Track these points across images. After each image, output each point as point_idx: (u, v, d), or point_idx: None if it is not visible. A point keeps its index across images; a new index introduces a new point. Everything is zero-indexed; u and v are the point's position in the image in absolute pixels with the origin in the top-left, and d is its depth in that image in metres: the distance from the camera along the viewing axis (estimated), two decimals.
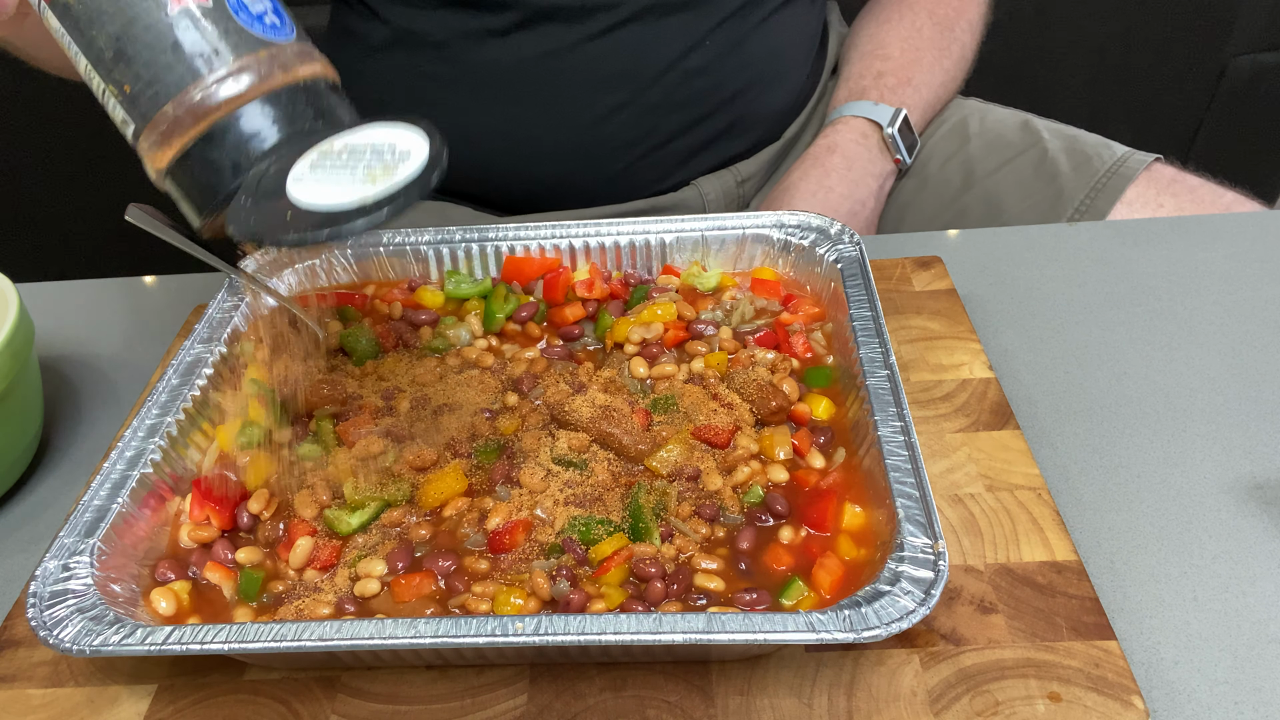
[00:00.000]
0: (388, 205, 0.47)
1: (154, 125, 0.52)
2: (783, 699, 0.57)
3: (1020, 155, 1.13)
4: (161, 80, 0.51)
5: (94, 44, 0.51)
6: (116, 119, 0.53)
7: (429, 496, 0.66)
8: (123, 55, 0.51)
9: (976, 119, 1.18)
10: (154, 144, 0.52)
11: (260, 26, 0.53)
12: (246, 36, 0.52)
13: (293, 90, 0.52)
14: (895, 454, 0.61)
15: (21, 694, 0.61)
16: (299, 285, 0.87)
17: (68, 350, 0.94)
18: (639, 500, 0.64)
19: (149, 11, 0.51)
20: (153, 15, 0.51)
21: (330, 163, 0.50)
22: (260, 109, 0.51)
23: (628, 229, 0.85)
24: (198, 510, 0.67)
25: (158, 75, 0.51)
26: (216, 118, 0.51)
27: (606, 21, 1.03)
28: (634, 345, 0.78)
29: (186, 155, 0.52)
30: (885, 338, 0.69)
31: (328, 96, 0.54)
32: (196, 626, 0.54)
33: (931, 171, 1.17)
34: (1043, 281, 0.90)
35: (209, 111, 0.51)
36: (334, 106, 0.54)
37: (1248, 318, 0.84)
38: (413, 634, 0.53)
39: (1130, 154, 1.08)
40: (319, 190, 0.49)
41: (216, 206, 0.53)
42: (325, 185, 0.49)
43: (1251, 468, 0.71)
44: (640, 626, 0.52)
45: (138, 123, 0.52)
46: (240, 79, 0.51)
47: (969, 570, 0.63)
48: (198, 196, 0.53)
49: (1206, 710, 0.56)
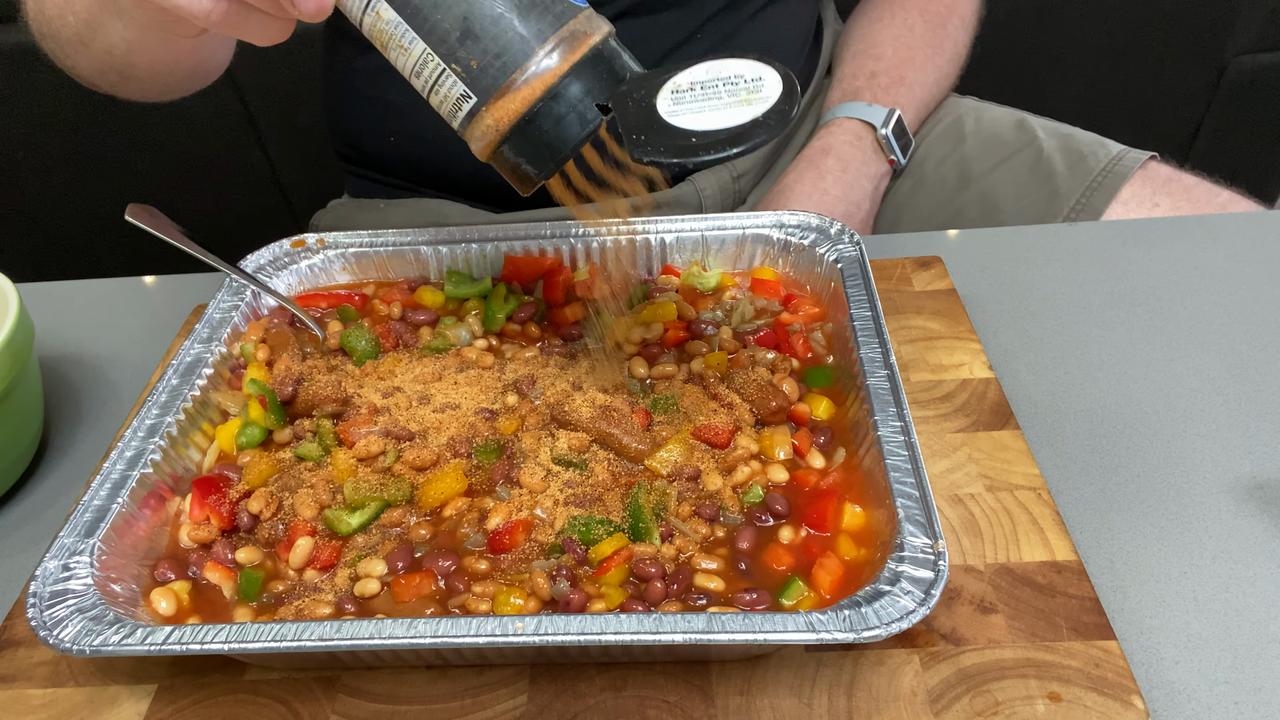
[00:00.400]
0: (775, 118, 0.55)
1: (500, 94, 0.58)
2: (783, 699, 0.57)
3: (1015, 154, 1.13)
4: (509, 51, 0.57)
5: (438, 28, 0.57)
6: (453, 96, 0.59)
7: (429, 496, 0.66)
8: (469, 33, 0.57)
9: (972, 118, 1.18)
10: (499, 112, 0.58)
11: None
12: (567, 3, 0.58)
13: (608, 45, 0.59)
14: (895, 454, 0.61)
15: (21, 694, 0.61)
16: (299, 285, 0.87)
17: (68, 350, 0.94)
18: (639, 500, 0.64)
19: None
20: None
21: (690, 97, 0.57)
22: (591, 65, 0.58)
23: (628, 229, 0.85)
24: (198, 510, 0.67)
25: (505, 47, 0.57)
26: (559, 76, 0.57)
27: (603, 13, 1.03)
28: (634, 345, 0.78)
29: (533, 118, 0.58)
30: (885, 338, 0.69)
31: (624, 50, 0.61)
32: (196, 626, 0.54)
33: (928, 171, 1.17)
34: (1042, 281, 0.90)
35: (552, 72, 0.57)
36: (630, 58, 0.61)
37: (1248, 318, 0.84)
38: (413, 634, 0.53)
39: (1126, 152, 1.08)
40: (703, 119, 0.56)
41: (566, 157, 0.60)
42: (705, 114, 0.56)
43: (1251, 468, 0.71)
44: (640, 626, 0.52)
45: (482, 95, 0.58)
46: (572, 40, 0.58)
47: (969, 570, 0.63)
48: (547, 151, 0.59)
49: (1206, 710, 0.57)
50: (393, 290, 0.86)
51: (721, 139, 0.55)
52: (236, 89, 1.73)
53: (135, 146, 1.85)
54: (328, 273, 0.87)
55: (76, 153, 1.87)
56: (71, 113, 1.77)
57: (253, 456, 0.70)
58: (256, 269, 0.86)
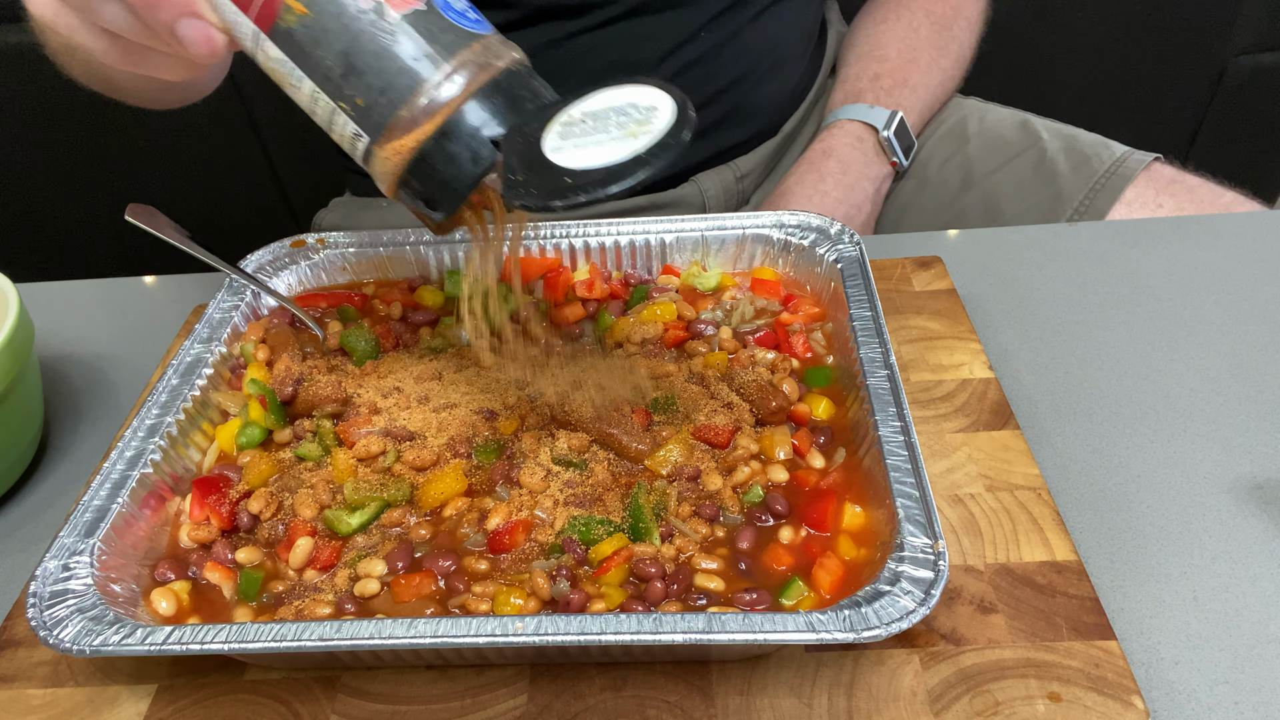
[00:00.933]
0: (658, 152, 0.51)
1: (389, 132, 0.54)
2: (783, 699, 0.57)
3: (1019, 156, 1.13)
4: (393, 86, 0.54)
5: (321, 65, 0.54)
6: (347, 135, 0.56)
7: (429, 496, 0.66)
8: (352, 69, 0.54)
9: (975, 119, 1.18)
10: (390, 151, 0.55)
11: (467, 21, 0.56)
12: (460, 33, 0.55)
13: (509, 75, 0.56)
14: (895, 454, 0.61)
15: (21, 694, 0.61)
16: (299, 285, 0.87)
17: (68, 350, 0.94)
18: (639, 500, 0.64)
19: (371, 23, 0.53)
20: (375, 25, 0.53)
21: (579, 130, 0.53)
22: (486, 97, 0.55)
23: (628, 229, 0.85)
24: (198, 510, 0.67)
25: (389, 82, 0.54)
26: (449, 112, 0.54)
27: (603, 16, 1.03)
28: (634, 345, 0.78)
29: (424, 155, 0.55)
30: (885, 338, 0.69)
31: (532, 77, 0.58)
32: (196, 626, 0.54)
33: (930, 173, 1.17)
34: (1043, 281, 0.90)
35: (442, 108, 0.54)
36: (539, 85, 0.58)
37: (1248, 318, 0.84)
38: (413, 634, 0.53)
39: (1129, 154, 1.08)
40: (586, 155, 0.52)
41: (462, 196, 0.56)
42: (589, 149, 0.52)
43: (1251, 468, 0.71)
44: (640, 626, 0.52)
45: (372, 133, 0.55)
46: (464, 72, 0.54)
47: (969, 570, 0.63)
48: (442, 190, 0.56)
49: (1206, 710, 0.56)
50: (393, 290, 0.86)
51: (596, 179, 0.50)
52: (236, 89, 1.73)
53: (135, 146, 1.85)
54: (328, 273, 0.87)
55: (76, 153, 1.87)
56: (71, 113, 1.77)
57: (253, 456, 0.70)
58: (256, 269, 0.85)
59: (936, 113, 1.20)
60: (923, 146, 1.18)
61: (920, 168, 1.18)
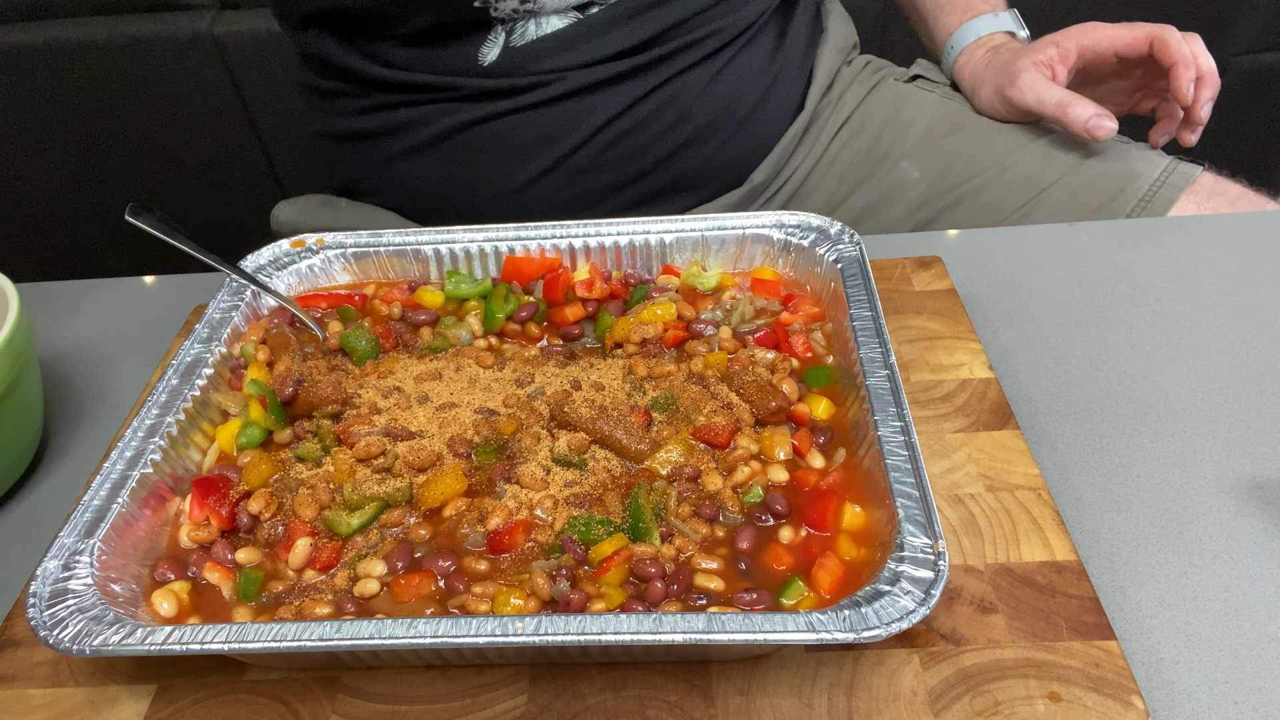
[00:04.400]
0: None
1: None
2: (783, 699, 0.57)
3: (1072, 171, 1.08)
4: None
5: None
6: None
7: (429, 496, 0.66)
8: None
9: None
10: None
11: None
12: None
13: None
14: (895, 454, 0.61)
15: (21, 694, 0.61)
16: (299, 285, 0.87)
17: (68, 350, 0.94)
18: (639, 500, 0.64)
19: None
20: None
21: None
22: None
23: (628, 229, 0.85)
24: (198, 510, 0.67)
25: None
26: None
27: (542, 96, 1.05)
28: (634, 345, 0.78)
29: None
30: (885, 338, 0.69)
31: None
32: (196, 626, 0.54)
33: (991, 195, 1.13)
34: (1043, 281, 0.90)
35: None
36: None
37: (1248, 318, 0.84)
38: (413, 634, 0.53)
39: (1176, 165, 1.04)
40: None
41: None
42: None
43: (1251, 468, 0.71)
44: (640, 626, 0.52)
45: None
46: None
47: (969, 570, 0.63)
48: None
49: (1206, 710, 0.56)
50: (393, 290, 0.86)
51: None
52: (237, 89, 1.73)
53: (135, 146, 1.85)
54: (328, 273, 0.87)
55: (76, 153, 1.87)
56: (71, 113, 1.77)
57: (253, 457, 0.70)
58: (256, 269, 0.85)
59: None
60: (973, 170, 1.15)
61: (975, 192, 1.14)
